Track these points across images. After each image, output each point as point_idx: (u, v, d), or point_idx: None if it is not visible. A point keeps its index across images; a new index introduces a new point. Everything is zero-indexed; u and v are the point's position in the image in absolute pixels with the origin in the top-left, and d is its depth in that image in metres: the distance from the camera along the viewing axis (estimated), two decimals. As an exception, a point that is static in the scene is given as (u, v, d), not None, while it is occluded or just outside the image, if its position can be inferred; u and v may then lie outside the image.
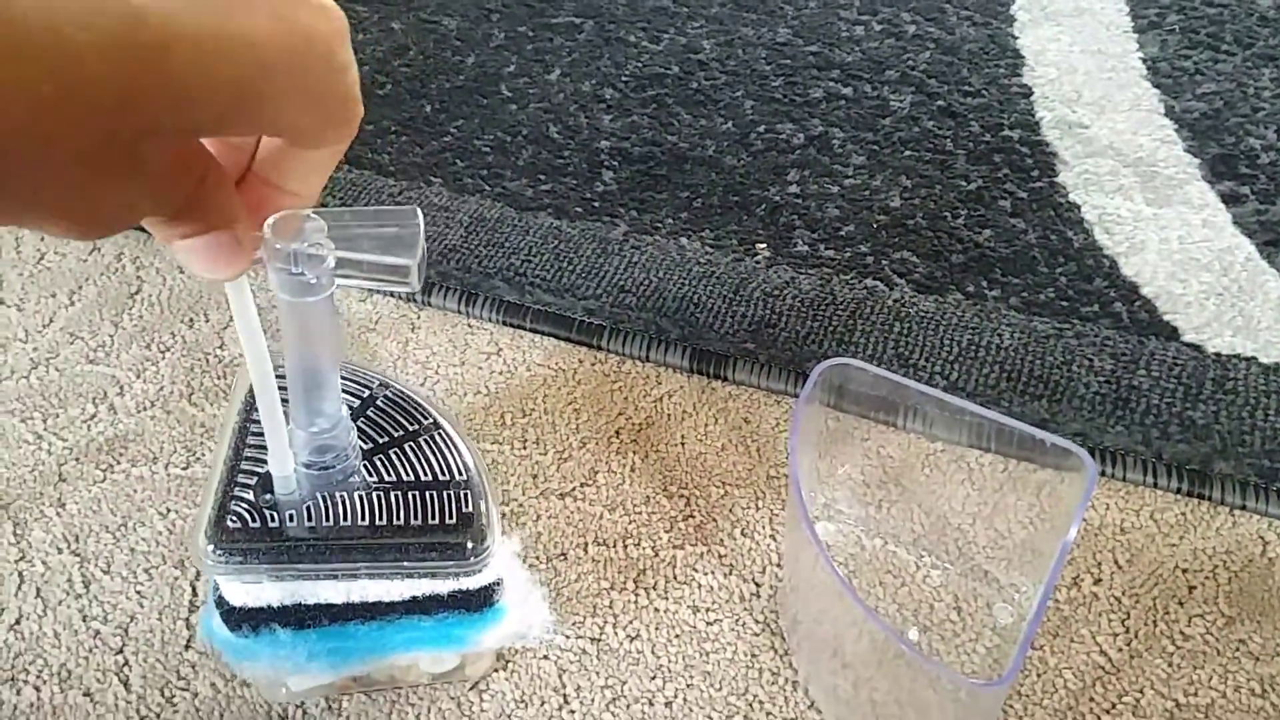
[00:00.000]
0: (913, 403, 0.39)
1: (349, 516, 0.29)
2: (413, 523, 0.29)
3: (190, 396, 0.45)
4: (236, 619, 0.30)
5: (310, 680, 0.33)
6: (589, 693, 0.35)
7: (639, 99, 0.60)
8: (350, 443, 0.29)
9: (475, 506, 0.30)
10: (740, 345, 0.46)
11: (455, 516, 0.29)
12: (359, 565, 0.29)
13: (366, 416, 0.32)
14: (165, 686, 0.35)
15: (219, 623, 0.30)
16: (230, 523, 0.29)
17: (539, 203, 0.53)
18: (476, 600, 0.31)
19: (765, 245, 0.51)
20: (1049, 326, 0.47)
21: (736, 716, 0.35)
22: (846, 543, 0.40)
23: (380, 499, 0.29)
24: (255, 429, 0.31)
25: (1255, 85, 0.61)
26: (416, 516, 0.29)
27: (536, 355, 0.47)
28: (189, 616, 0.37)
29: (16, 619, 0.37)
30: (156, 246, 0.52)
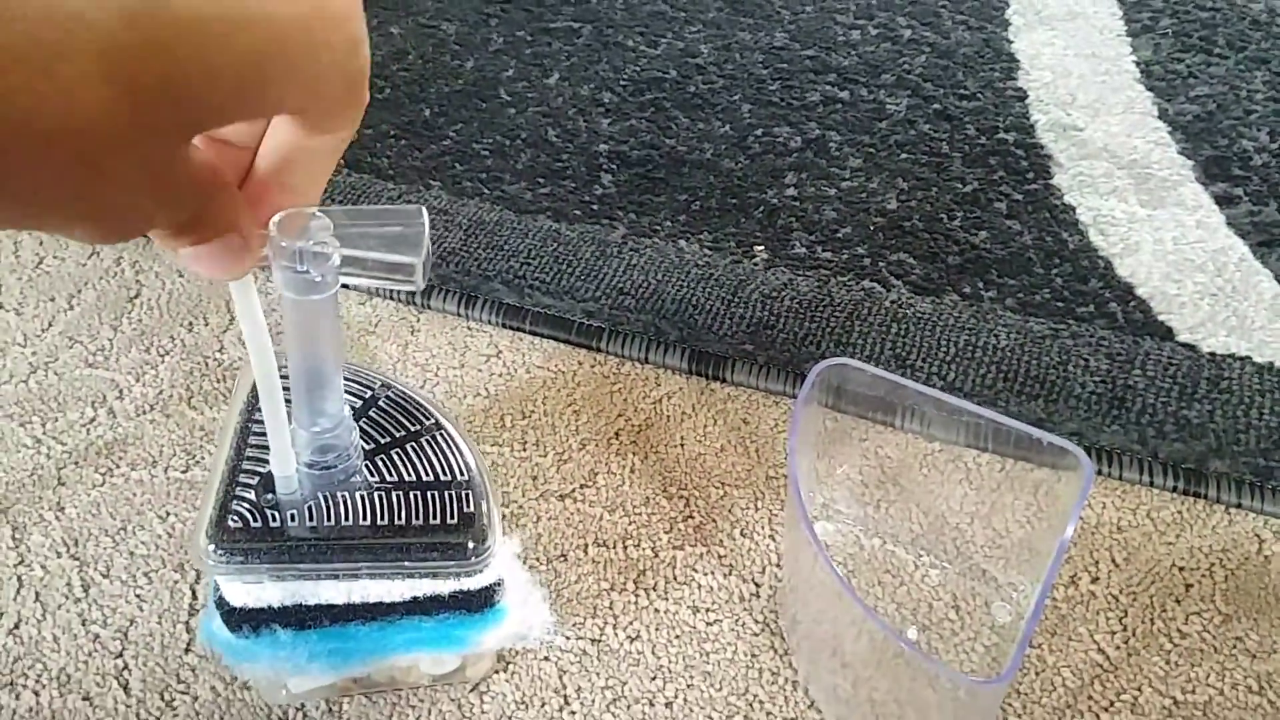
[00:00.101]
0: (910, 403, 0.39)
1: (351, 516, 0.29)
2: (414, 523, 0.29)
3: (190, 400, 0.45)
4: (237, 620, 0.30)
5: (310, 681, 0.33)
6: (589, 694, 0.36)
7: (637, 103, 0.60)
8: (352, 442, 0.29)
9: (477, 507, 0.30)
10: (739, 346, 0.46)
11: (457, 517, 0.29)
12: (360, 565, 0.29)
13: (368, 417, 0.32)
14: (165, 690, 0.35)
15: (219, 624, 0.30)
16: (231, 523, 0.29)
17: (538, 206, 0.54)
18: (477, 601, 0.31)
19: (763, 247, 0.52)
20: (1045, 327, 0.47)
21: (737, 716, 0.35)
22: (845, 542, 0.40)
23: (382, 499, 0.29)
24: (257, 429, 0.31)
25: (1248, 88, 0.61)
26: (418, 516, 0.29)
27: (536, 357, 0.47)
28: (189, 620, 0.37)
29: (15, 623, 0.37)
30: (156, 251, 0.52)
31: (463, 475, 0.30)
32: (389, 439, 0.31)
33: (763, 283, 0.49)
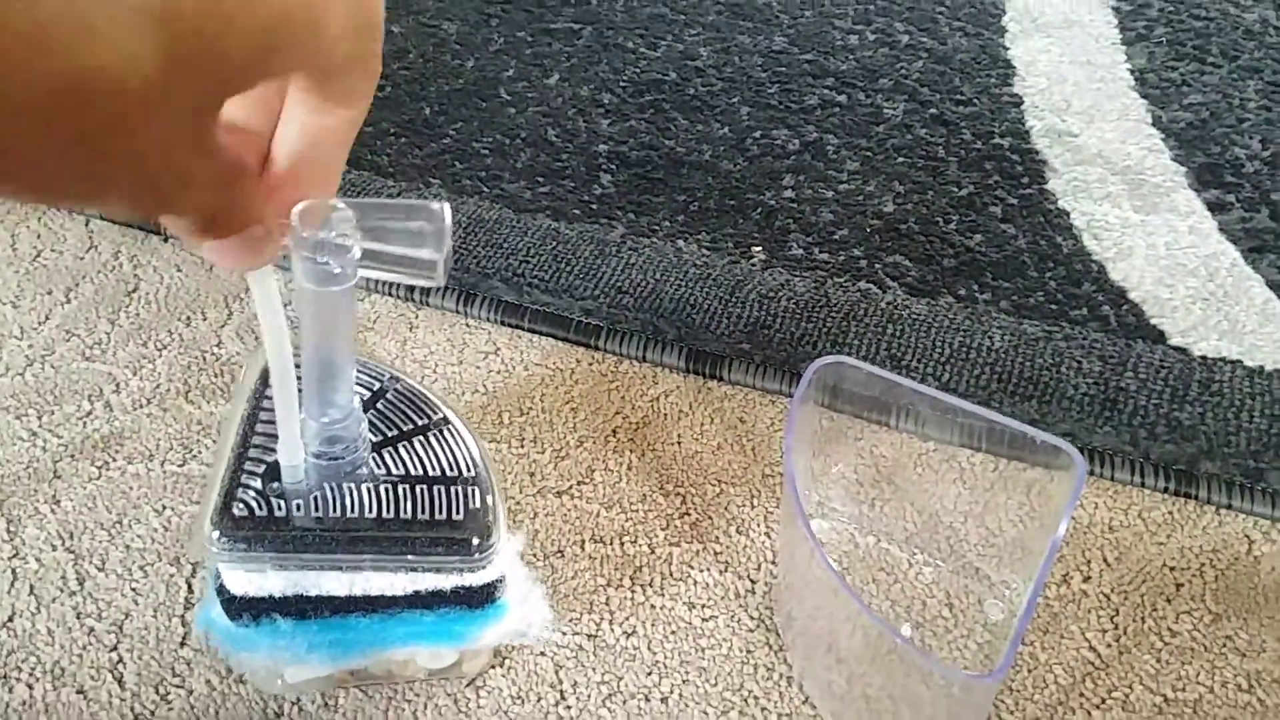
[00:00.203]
0: (905, 402, 0.39)
1: (356, 508, 0.29)
2: (419, 516, 0.29)
3: (187, 394, 0.45)
4: (237, 608, 0.30)
5: (308, 672, 0.33)
6: (585, 688, 0.36)
7: (637, 104, 0.61)
8: (360, 434, 0.29)
9: (482, 502, 0.30)
10: (736, 346, 0.47)
11: (462, 512, 0.29)
12: (364, 557, 0.29)
13: (376, 410, 0.32)
14: (160, 684, 0.35)
15: (218, 612, 0.30)
16: (237, 511, 0.29)
17: (537, 205, 0.54)
18: (479, 596, 0.31)
19: (760, 248, 0.52)
20: (1039, 329, 0.48)
21: (732, 711, 0.35)
22: (840, 540, 0.40)
23: (388, 492, 0.29)
24: (264, 418, 0.31)
25: (1240, 96, 0.62)
26: (423, 510, 0.29)
27: (534, 355, 0.47)
28: (184, 614, 0.37)
29: (9, 616, 0.37)
30: (154, 246, 0.52)
31: (469, 471, 0.30)
32: (396, 432, 0.31)
33: (760, 283, 0.50)
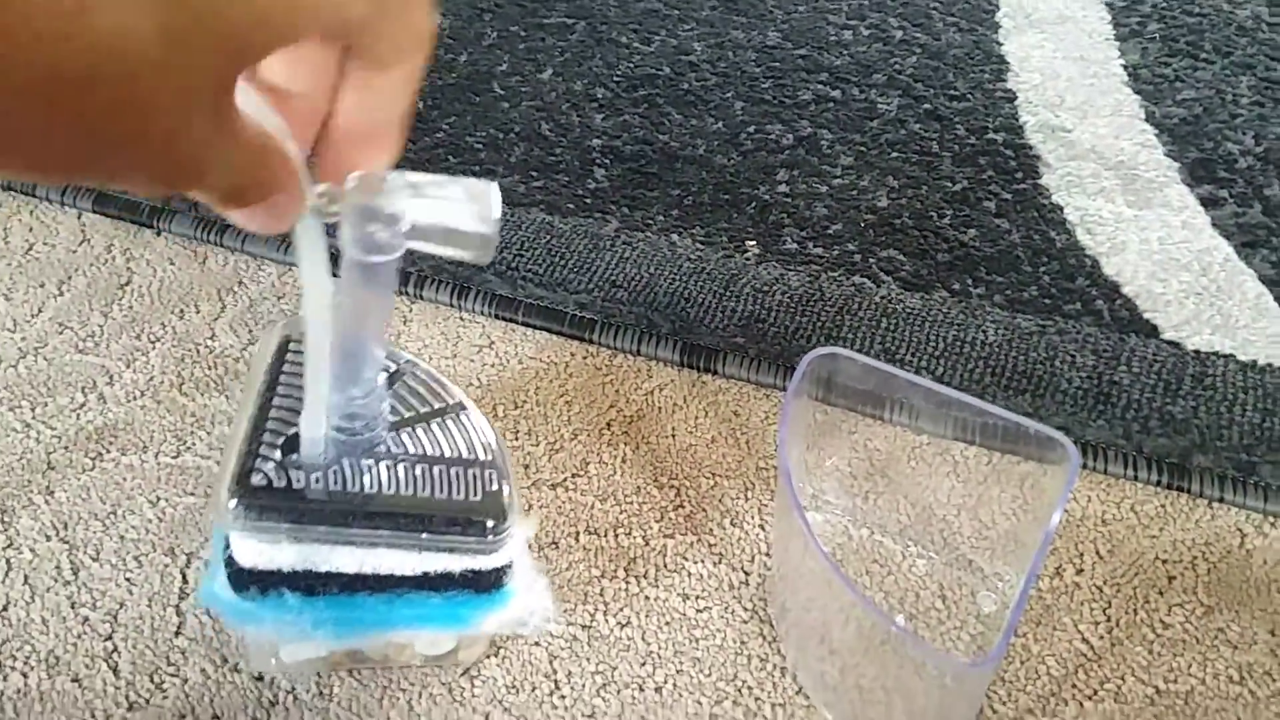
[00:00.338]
0: (899, 395, 0.39)
1: (374, 484, 0.29)
2: (437, 496, 0.29)
3: (180, 386, 0.45)
4: (245, 580, 0.30)
5: (305, 650, 0.33)
6: (579, 678, 0.36)
7: (630, 99, 0.61)
8: (381, 412, 0.29)
9: (499, 486, 0.30)
10: (730, 340, 0.47)
11: (481, 494, 0.29)
12: (380, 533, 0.29)
13: (393, 391, 0.32)
14: (154, 673, 0.35)
15: (222, 584, 0.30)
16: (255, 480, 0.29)
17: (531, 199, 0.54)
18: (486, 581, 0.31)
19: (755, 242, 0.52)
20: (1032, 323, 0.48)
21: (725, 701, 0.35)
22: (834, 533, 0.40)
23: (407, 470, 0.29)
24: (282, 390, 0.31)
25: (1233, 92, 0.62)
26: (441, 490, 0.29)
27: (528, 348, 0.47)
28: (179, 604, 0.37)
29: (4, 605, 0.37)
30: (147, 238, 0.52)
31: (486, 455, 0.30)
32: (413, 414, 0.31)
33: (754, 277, 0.50)
